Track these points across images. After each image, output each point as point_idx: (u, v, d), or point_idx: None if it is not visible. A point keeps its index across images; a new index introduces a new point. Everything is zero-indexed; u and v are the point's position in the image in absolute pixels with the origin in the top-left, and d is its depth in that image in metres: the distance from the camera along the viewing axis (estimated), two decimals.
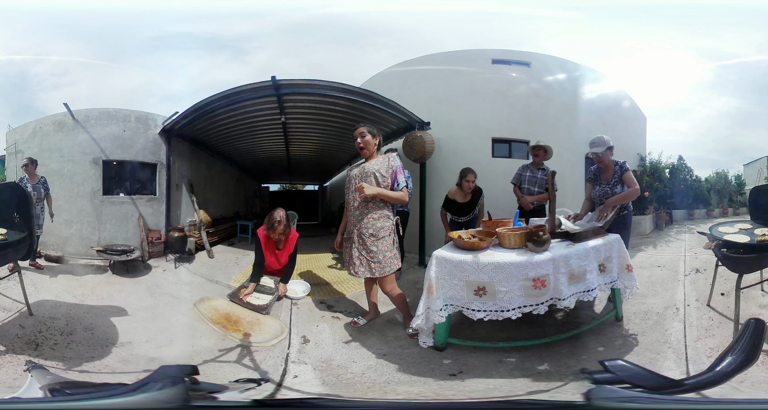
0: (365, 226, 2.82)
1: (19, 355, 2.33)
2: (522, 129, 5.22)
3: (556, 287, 2.34)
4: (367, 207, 2.83)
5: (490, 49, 5.47)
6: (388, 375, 2.31)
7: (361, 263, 2.83)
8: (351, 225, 2.93)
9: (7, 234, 2.68)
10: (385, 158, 2.90)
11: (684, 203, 6.67)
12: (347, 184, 3.00)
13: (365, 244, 2.81)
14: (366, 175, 2.85)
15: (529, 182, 4.16)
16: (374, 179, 2.82)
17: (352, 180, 2.95)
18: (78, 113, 4.70)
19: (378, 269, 2.78)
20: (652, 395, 1.16)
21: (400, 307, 2.91)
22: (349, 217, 2.95)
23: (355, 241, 2.86)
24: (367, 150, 2.90)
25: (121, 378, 2.22)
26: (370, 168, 2.86)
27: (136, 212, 4.88)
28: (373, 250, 2.78)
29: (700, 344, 2.48)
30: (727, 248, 2.59)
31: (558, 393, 1.98)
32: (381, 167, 2.84)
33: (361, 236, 2.83)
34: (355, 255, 2.85)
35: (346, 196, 3.01)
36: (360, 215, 2.85)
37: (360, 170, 2.93)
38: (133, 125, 4.94)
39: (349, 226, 2.96)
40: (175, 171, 5.31)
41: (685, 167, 6.98)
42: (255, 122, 5.57)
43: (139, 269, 4.37)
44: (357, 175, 2.93)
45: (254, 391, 1.59)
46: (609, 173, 3.15)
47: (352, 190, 2.92)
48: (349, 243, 2.94)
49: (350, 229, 2.94)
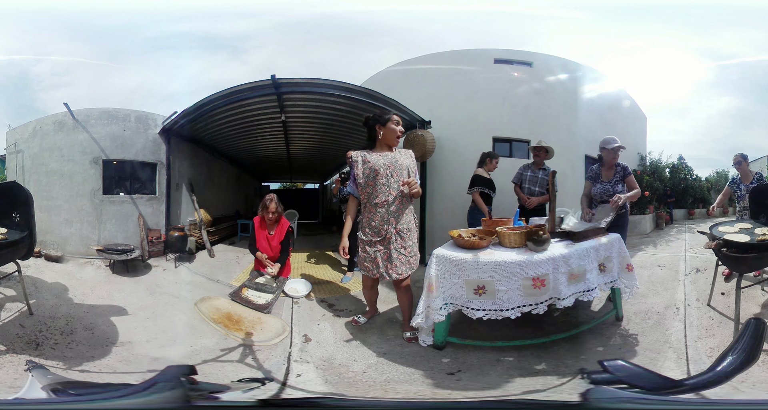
0: (402, 222, 2.69)
1: (19, 355, 2.33)
2: (523, 129, 5.22)
3: (555, 287, 2.34)
4: (403, 202, 2.69)
5: (492, 49, 5.46)
6: (389, 373, 2.32)
7: (401, 262, 2.67)
8: (382, 222, 2.66)
9: (7, 234, 2.68)
10: (408, 154, 2.81)
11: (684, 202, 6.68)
12: (369, 174, 2.67)
13: (404, 240, 2.69)
14: (401, 168, 2.69)
15: (530, 182, 4.17)
16: (407, 173, 2.72)
17: (380, 170, 2.66)
18: (78, 113, 4.69)
19: (414, 263, 2.75)
20: (651, 395, 1.16)
21: (408, 305, 2.77)
22: (377, 213, 2.67)
23: (393, 240, 2.66)
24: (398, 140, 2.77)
25: (122, 377, 2.22)
26: (403, 162, 2.72)
27: (136, 211, 4.88)
28: (410, 245, 2.72)
29: (701, 344, 2.48)
30: (728, 247, 2.60)
31: (556, 393, 1.98)
32: (411, 162, 2.77)
33: (400, 233, 2.67)
34: (395, 256, 2.66)
35: (369, 187, 2.68)
36: (397, 211, 2.67)
37: (391, 161, 2.68)
38: (133, 125, 4.93)
39: (377, 224, 2.68)
40: (175, 171, 5.30)
41: (686, 166, 6.98)
42: (255, 121, 5.57)
43: (139, 268, 4.37)
44: (388, 165, 2.66)
45: (258, 391, 1.59)
46: (611, 172, 3.35)
47: (382, 182, 2.65)
48: (381, 244, 2.68)
49: (380, 227, 2.66)
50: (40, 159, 4.68)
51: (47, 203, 4.58)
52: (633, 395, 1.15)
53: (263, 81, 4.28)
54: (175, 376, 1.24)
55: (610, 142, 3.33)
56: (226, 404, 1.30)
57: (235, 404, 1.35)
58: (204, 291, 3.76)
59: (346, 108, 4.93)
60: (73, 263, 4.36)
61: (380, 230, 2.68)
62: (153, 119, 5.05)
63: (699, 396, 1.14)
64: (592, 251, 2.57)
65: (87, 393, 1.29)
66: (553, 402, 1.22)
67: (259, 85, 4.36)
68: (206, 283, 4.14)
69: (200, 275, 4.39)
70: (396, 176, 2.67)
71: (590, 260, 2.53)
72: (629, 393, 1.16)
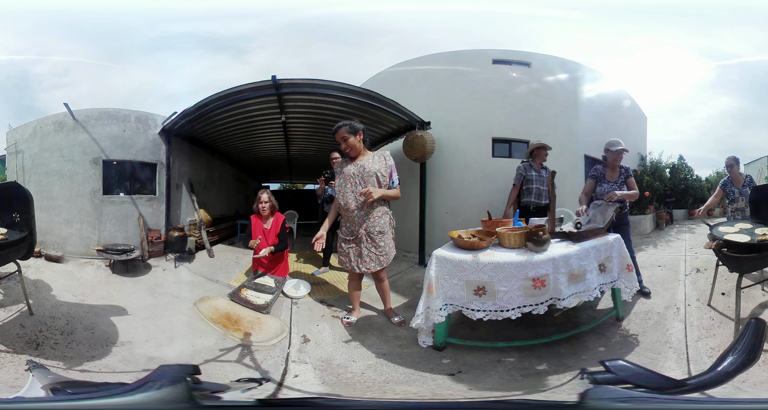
0: (372, 225, 2.89)
1: (19, 355, 2.33)
2: (522, 129, 5.23)
3: (555, 287, 2.34)
4: (372, 207, 2.89)
5: (490, 49, 5.46)
6: (388, 374, 2.31)
7: (371, 259, 2.92)
8: (353, 225, 2.92)
9: (7, 234, 2.68)
10: (381, 157, 2.94)
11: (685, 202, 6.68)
12: (342, 182, 2.96)
13: (374, 241, 2.90)
14: (368, 175, 2.87)
15: (537, 182, 4.13)
16: (376, 179, 2.88)
17: (349, 179, 2.92)
18: (78, 113, 4.70)
19: (385, 261, 2.96)
20: (652, 395, 1.16)
21: (387, 293, 3.12)
22: (349, 216, 2.92)
23: (363, 240, 2.90)
24: (353, 150, 2.92)
25: (121, 377, 2.22)
26: (370, 168, 2.88)
27: (136, 211, 4.88)
28: (381, 245, 2.92)
29: (701, 344, 2.47)
30: (728, 247, 2.59)
31: (557, 393, 1.97)
32: (381, 166, 2.90)
33: (370, 234, 2.90)
34: (365, 253, 2.91)
35: (341, 193, 2.96)
36: (365, 215, 2.88)
37: (358, 169, 2.90)
38: (133, 125, 4.94)
39: (350, 226, 2.94)
40: (175, 171, 5.31)
41: (686, 166, 6.99)
42: (255, 121, 5.57)
43: (139, 268, 4.37)
44: (356, 174, 2.90)
45: (255, 391, 1.59)
46: (616, 173, 3.45)
47: (350, 190, 2.91)
48: (354, 243, 2.94)
49: (353, 229, 2.93)
50: (40, 159, 4.68)
51: (47, 204, 4.58)
52: (634, 394, 1.15)
53: (264, 82, 4.29)
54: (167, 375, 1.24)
55: (615, 144, 3.41)
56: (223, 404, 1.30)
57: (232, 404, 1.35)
58: (203, 291, 3.76)
59: (346, 109, 4.93)
60: (73, 263, 4.37)
61: (353, 231, 2.94)
62: (153, 119, 5.05)
63: (702, 395, 1.14)
64: (592, 252, 2.56)
65: (81, 392, 1.29)
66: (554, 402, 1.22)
67: (260, 86, 4.36)
68: (206, 283, 4.13)
69: (200, 275, 4.39)
70: (363, 185, 2.88)
71: (590, 260, 2.53)
72: (630, 393, 1.16)
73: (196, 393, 1.21)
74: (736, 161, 3.86)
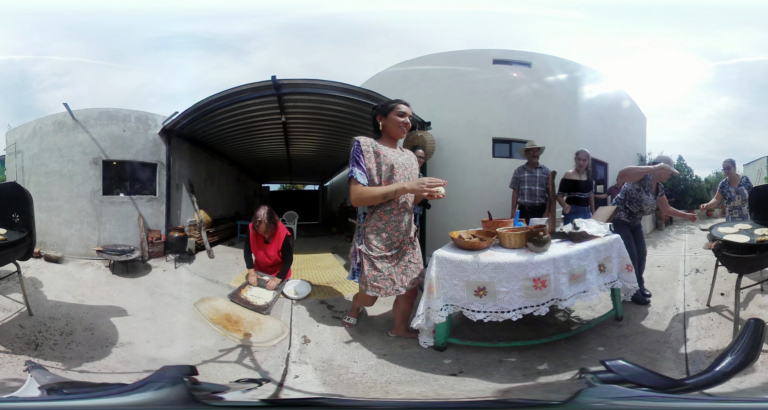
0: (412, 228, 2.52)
1: (18, 355, 2.33)
2: (522, 129, 5.23)
3: (556, 288, 2.34)
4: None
5: (491, 50, 5.48)
6: (389, 375, 2.31)
7: (412, 271, 2.51)
8: (398, 232, 2.37)
9: (7, 234, 2.68)
10: (413, 155, 2.57)
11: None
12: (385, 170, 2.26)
13: (415, 249, 2.55)
14: (414, 170, 2.46)
15: (529, 182, 4.18)
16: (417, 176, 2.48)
17: (397, 169, 2.29)
18: (78, 113, 4.70)
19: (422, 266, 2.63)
20: (651, 394, 1.16)
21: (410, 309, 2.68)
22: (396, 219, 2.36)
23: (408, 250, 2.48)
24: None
25: (121, 378, 2.22)
26: (413, 162, 2.49)
27: (136, 212, 4.88)
28: (418, 251, 2.59)
29: (700, 344, 2.48)
30: (727, 248, 2.60)
31: (557, 393, 1.98)
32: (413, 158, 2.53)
33: (413, 242, 2.52)
34: (409, 263, 2.48)
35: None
36: (411, 218, 2.48)
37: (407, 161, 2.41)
38: (133, 125, 4.94)
39: (394, 234, 2.37)
40: (175, 171, 5.31)
41: (685, 167, 6.99)
42: (255, 121, 5.58)
43: (139, 269, 4.37)
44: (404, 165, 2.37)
45: (256, 391, 1.59)
46: (655, 187, 3.41)
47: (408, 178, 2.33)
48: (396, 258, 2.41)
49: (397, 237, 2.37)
50: (40, 160, 4.68)
51: (47, 204, 4.58)
52: (632, 393, 1.16)
53: (263, 82, 4.30)
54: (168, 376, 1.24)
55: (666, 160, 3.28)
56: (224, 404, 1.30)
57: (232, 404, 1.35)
58: (203, 292, 3.76)
59: (346, 109, 4.94)
60: (73, 263, 4.36)
61: (396, 241, 2.38)
62: (153, 119, 5.05)
63: (700, 395, 1.14)
64: (592, 252, 2.57)
65: (81, 391, 1.29)
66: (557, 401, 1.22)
67: (260, 86, 4.37)
68: (206, 284, 4.13)
69: (200, 275, 4.39)
70: (413, 178, 2.35)
71: (590, 260, 2.53)
72: (629, 392, 1.16)
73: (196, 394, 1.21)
74: (733, 164, 4.25)
